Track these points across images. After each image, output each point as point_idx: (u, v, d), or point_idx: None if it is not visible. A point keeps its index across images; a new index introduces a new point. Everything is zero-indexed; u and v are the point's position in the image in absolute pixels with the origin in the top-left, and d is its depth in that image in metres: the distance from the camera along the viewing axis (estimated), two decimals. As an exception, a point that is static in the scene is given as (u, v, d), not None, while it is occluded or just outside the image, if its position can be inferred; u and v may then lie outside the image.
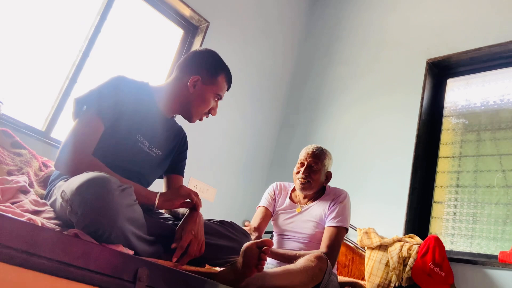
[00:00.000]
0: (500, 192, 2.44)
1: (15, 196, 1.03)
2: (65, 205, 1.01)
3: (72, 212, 0.98)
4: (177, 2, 3.01)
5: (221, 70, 1.55)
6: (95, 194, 0.96)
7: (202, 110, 1.52)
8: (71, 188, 0.99)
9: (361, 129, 3.12)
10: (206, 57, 1.56)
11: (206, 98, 1.50)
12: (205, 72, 1.51)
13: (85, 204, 0.96)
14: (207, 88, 1.50)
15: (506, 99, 2.65)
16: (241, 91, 3.42)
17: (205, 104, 1.52)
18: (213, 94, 1.52)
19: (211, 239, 1.32)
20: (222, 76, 1.55)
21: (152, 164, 1.47)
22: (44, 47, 2.51)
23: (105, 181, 0.99)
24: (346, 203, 2.06)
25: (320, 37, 3.89)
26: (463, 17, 2.86)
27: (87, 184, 0.97)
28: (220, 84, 1.54)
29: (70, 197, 0.98)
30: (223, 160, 3.27)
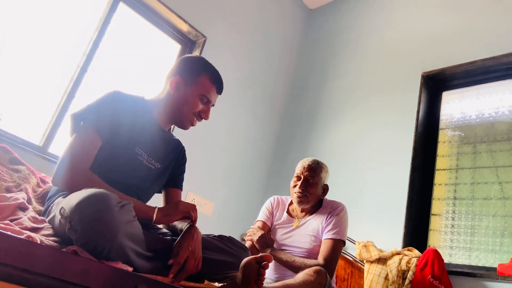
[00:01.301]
0: (497, 204, 2.45)
1: (14, 213, 1.03)
2: (64, 222, 1.00)
3: (71, 229, 0.97)
4: (174, 17, 3.04)
5: (203, 70, 1.49)
6: (94, 211, 0.96)
7: (188, 113, 1.46)
8: (71, 205, 0.98)
9: (358, 141, 3.13)
10: (187, 60, 1.53)
11: (190, 99, 1.45)
12: (186, 74, 1.47)
13: (85, 221, 0.96)
14: (189, 89, 1.45)
15: (501, 112, 2.68)
16: (238, 105, 3.44)
17: (190, 106, 1.46)
18: (197, 95, 1.46)
19: (210, 254, 1.31)
20: (205, 77, 1.48)
21: (152, 177, 1.46)
22: (43, 62, 2.53)
23: (105, 198, 0.98)
24: (342, 216, 2.06)
25: (316, 51, 3.93)
26: (457, 30, 2.91)
27: (86, 201, 0.97)
28: (204, 84, 1.47)
29: (69, 214, 0.98)
30: (220, 174, 3.27)
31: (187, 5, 3.09)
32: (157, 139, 1.49)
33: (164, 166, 1.52)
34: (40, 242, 0.92)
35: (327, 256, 1.91)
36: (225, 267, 1.31)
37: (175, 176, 1.61)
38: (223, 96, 3.29)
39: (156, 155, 1.47)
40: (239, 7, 3.51)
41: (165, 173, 1.54)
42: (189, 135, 3.04)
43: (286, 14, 3.96)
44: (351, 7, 3.82)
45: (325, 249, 1.94)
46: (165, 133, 1.54)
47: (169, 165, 1.55)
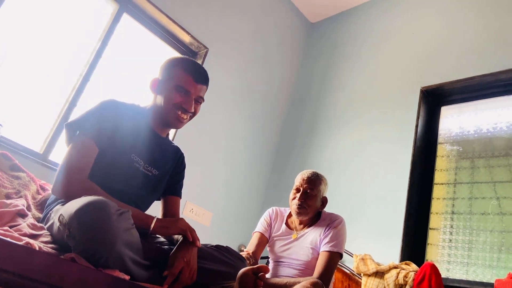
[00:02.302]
0: (495, 219, 2.45)
1: (13, 220, 1.04)
2: (63, 229, 1.01)
3: (70, 236, 0.98)
4: (177, 28, 3.08)
5: (176, 63, 1.50)
6: (93, 218, 0.97)
7: (169, 108, 1.45)
8: (70, 212, 0.99)
9: (357, 154, 3.15)
10: (165, 61, 1.55)
11: (167, 93, 1.45)
12: (162, 72, 1.50)
13: (84, 228, 0.96)
14: (166, 84, 1.46)
15: (499, 127, 2.69)
16: (238, 115, 3.47)
17: (169, 100, 1.45)
18: (172, 87, 1.45)
19: (207, 263, 1.31)
20: (178, 68, 1.48)
21: (149, 185, 1.46)
22: (45, 71, 2.55)
23: (104, 205, 0.99)
24: (340, 228, 2.06)
25: (316, 64, 3.97)
26: (456, 47, 2.94)
27: (85, 208, 0.98)
28: (177, 75, 1.46)
29: (68, 221, 0.98)
30: (219, 185, 3.27)
31: (190, 17, 3.14)
32: (154, 145, 1.49)
33: (161, 173, 1.51)
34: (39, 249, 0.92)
35: (323, 270, 1.91)
36: (222, 277, 1.31)
37: (174, 183, 1.60)
38: (224, 106, 3.34)
39: (153, 162, 1.47)
40: (241, 20, 3.56)
41: (163, 180, 1.54)
42: (190, 144, 3.06)
43: (288, 27, 4.01)
44: (352, 22, 3.87)
45: (322, 261, 1.94)
46: (162, 139, 1.55)
47: (167, 172, 1.55)
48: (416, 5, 3.38)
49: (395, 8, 3.53)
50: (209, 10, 3.29)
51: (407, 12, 3.42)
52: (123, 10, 2.89)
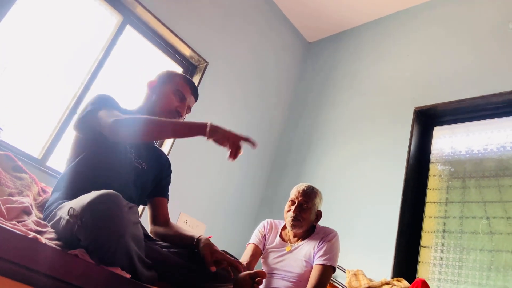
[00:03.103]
0: (484, 239, 2.50)
1: (19, 216, 1.06)
2: (73, 221, 1.03)
3: (81, 227, 1.00)
4: (178, 42, 3.15)
5: (177, 74, 1.64)
6: (106, 209, 1.00)
7: (167, 109, 1.55)
8: (82, 203, 1.02)
9: (351, 171, 3.19)
10: (162, 71, 1.67)
11: (165, 94, 1.56)
12: (162, 76, 1.62)
13: (96, 217, 0.99)
14: (164, 86, 1.58)
15: (489, 149, 2.76)
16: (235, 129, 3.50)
17: (166, 101, 1.55)
18: (172, 89, 1.57)
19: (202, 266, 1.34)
20: (179, 77, 1.62)
21: (140, 177, 1.51)
22: (47, 77, 2.59)
23: (116, 197, 1.03)
24: (334, 242, 2.09)
25: (312, 82, 4.05)
26: (449, 69, 3.03)
27: (98, 199, 1.01)
28: (177, 82, 1.59)
29: (80, 212, 1.01)
30: (213, 196, 3.29)
31: (191, 31, 3.21)
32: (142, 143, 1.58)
33: (149, 168, 1.58)
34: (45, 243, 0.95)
35: (316, 282, 1.93)
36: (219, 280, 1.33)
37: (163, 186, 1.67)
38: (221, 120, 3.38)
39: (142, 156, 1.55)
40: (241, 36, 3.64)
41: (151, 174, 1.59)
42: (186, 156, 3.09)
43: (286, 46, 4.10)
44: (348, 42, 3.97)
45: (315, 274, 1.96)
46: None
47: (154, 167, 1.61)
48: (411, 29, 3.49)
49: (391, 31, 3.64)
50: (210, 26, 3.37)
51: (402, 35, 3.52)
52: (126, 22, 2.95)
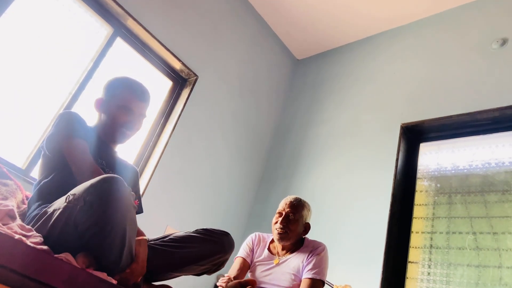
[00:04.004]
0: (471, 254, 2.51)
1: (4, 220, 1.03)
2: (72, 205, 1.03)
3: (84, 207, 1.00)
4: (168, 55, 3.16)
5: (120, 85, 1.60)
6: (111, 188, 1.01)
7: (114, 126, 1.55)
8: (84, 187, 1.03)
9: (339, 187, 3.20)
10: (108, 81, 1.64)
11: (111, 113, 1.55)
12: (106, 92, 1.59)
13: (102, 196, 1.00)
14: (110, 104, 1.56)
15: (474, 165, 2.81)
16: (223, 145, 3.50)
17: (113, 119, 1.55)
18: (116, 106, 1.55)
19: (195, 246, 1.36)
20: (122, 89, 1.58)
21: None
22: (35, 87, 2.56)
23: (119, 179, 1.05)
24: (323, 256, 2.08)
25: (301, 98, 4.09)
26: (435, 86, 3.10)
27: (102, 180, 1.03)
28: (121, 95, 1.56)
29: (82, 193, 1.01)
30: (201, 211, 3.26)
31: (182, 45, 3.23)
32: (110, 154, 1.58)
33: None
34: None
35: None
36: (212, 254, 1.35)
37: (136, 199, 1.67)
38: (209, 134, 3.38)
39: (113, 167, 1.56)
40: (231, 51, 3.67)
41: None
42: (173, 170, 3.06)
43: (275, 62, 4.15)
44: (336, 60, 4.04)
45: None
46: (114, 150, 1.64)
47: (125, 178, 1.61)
48: (397, 48, 3.57)
49: (378, 50, 3.72)
50: (200, 40, 3.39)
51: (389, 53, 3.60)
52: (117, 34, 2.96)
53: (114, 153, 1.64)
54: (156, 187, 2.93)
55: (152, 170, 2.94)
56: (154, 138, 3.10)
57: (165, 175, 3.02)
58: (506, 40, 2.88)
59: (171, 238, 1.42)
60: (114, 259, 1.04)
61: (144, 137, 3.08)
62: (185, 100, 3.21)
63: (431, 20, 3.45)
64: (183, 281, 1.97)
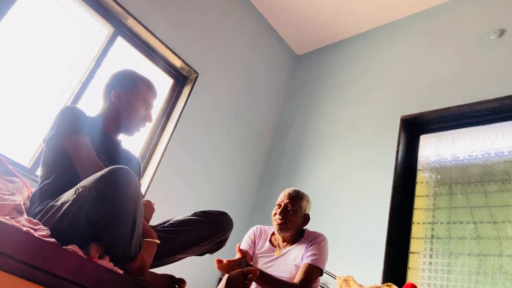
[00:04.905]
0: (472, 243, 2.54)
1: (11, 214, 1.07)
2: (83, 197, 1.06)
3: (96, 198, 1.03)
4: (169, 53, 3.19)
5: (139, 79, 1.64)
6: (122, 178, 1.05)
7: (133, 119, 1.59)
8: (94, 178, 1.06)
9: (340, 180, 3.23)
10: (122, 73, 1.66)
11: (133, 106, 1.58)
12: (124, 84, 1.61)
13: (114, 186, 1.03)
14: (130, 96, 1.59)
15: (474, 156, 2.83)
16: (225, 141, 3.54)
17: (134, 112, 1.59)
18: (139, 100, 1.60)
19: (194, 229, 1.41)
20: (142, 84, 1.63)
21: None
22: (38, 87, 2.60)
23: (128, 170, 1.08)
24: (323, 246, 2.10)
25: (302, 93, 4.11)
26: (434, 78, 3.12)
27: (112, 171, 1.06)
28: (142, 90, 1.61)
29: (94, 184, 1.04)
30: (205, 205, 3.29)
31: (182, 43, 3.26)
32: (112, 148, 1.60)
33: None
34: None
35: (302, 279, 1.94)
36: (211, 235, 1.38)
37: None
38: (211, 131, 3.41)
39: (116, 162, 1.56)
40: (232, 48, 3.70)
41: None
42: (176, 167, 3.10)
43: (275, 58, 4.17)
44: (336, 55, 4.06)
45: (301, 273, 1.97)
46: (117, 143, 1.65)
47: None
48: (396, 41, 3.59)
49: (378, 43, 3.74)
50: (200, 37, 3.42)
51: (388, 47, 3.62)
52: (117, 33, 2.99)
53: (118, 144, 1.65)
54: (159, 184, 2.97)
55: (155, 167, 2.98)
56: (156, 136, 3.14)
57: (168, 172, 3.06)
58: (504, 30, 2.89)
59: (171, 223, 1.46)
60: (124, 247, 1.07)
61: (146, 135, 3.12)
62: (186, 97, 3.24)
63: (429, 13, 3.47)
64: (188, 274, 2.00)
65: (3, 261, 0.86)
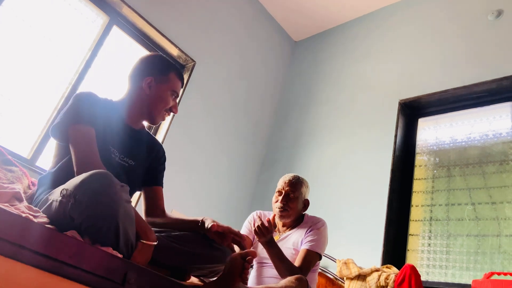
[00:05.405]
0: (470, 224, 2.56)
1: (11, 201, 1.08)
2: (66, 200, 1.05)
3: (75, 204, 1.02)
4: (165, 42, 3.18)
5: (171, 68, 1.61)
6: (99, 185, 1.02)
7: (161, 109, 1.57)
8: (75, 183, 1.04)
9: (340, 164, 3.25)
10: (154, 59, 1.63)
11: (163, 96, 1.56)
12: (157, 72, 1.57)
13: (91, 194, 1.01)
14: (162, 86, 1.56)
15: (472, 138, 2.84)
16: (224, 129, 3.54)
17: (164, 103, 1.57)
18: (169, 91, 1.58)
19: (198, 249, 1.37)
20: (173, 73, 1.60)
21: (126, 175, 1.49)
22: (35, 78, 2.60)
23: (108, 175, 1.06)
24: (322, 231, 2.12)
25: (299, 80, 4.11)
26: (431, 61, 3.11)
27: (91, 177, 1.03)
28: (173, 80, 1.59)
29: (73, 190, 1.03)
30: (205, 194, 3.32)
31: (178, 31, 3.24)
32: (127, 138, 1.54)
33: (138, 163, 1.56)
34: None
35: (301, 263, 1.96)
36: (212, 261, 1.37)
37: (155, 174, 1.66)
38: (210, 119, 3.41)
39: (128, 153, 1.52)
40: (228, 35, 3.68)
41: (139, 169, 1.58)
42: (176, 155, 3.11)
43: (273, 45, 4.15)
44: (333, 40, 4.04)
45: (300, 258, 1.99)
46: (135, 132, 1.60)
47: (143, 162, 1.60)
48: (394, 25, 3.56)
49: (374, 28, 3.71)
50: (197, 25, 3.40)
51: (386, 31, 3.60)
52: (113, 23, 2.98)
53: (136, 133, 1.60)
54: (159, 173, 2.98)
55: (155, 156, 2.98)
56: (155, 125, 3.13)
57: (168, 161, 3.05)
58: (501, 11, 2.87)
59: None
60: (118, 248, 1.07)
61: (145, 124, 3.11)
62: (184, 86, 3.24)
63: (426, -5, 3.44)
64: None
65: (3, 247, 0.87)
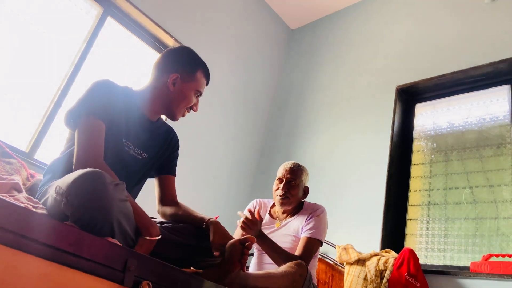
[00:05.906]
0: (468, 207, 2.58)
1: (10, 192, 1.08)
2: (60, 198, 1.05)
3: (67, 204, 1.02)
4: (160, 32, 3.16)
5: (198, 66, 1.57)
6: (90, 186, 1.01)
7: (183, 107, 1.55)
8: (67, 182, 1.03)
9: (338, 151, 3.26)
10: (182, 54, 1.58)
11: (187, 95, 1.53)
12: (183, 69, 1.52)
13: (81, 195, 1.00)
14: (186, 85, 1.52)
15: (469, 122, 2.84)
16: (222, 118, 3.54)
17: (186, 101, 1.54)
18: (193, 90, 1.54)
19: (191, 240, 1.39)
20: (200, 72, 1.56)
21: (139, 167, 1.50)
22: (31, 72, 2.59)
23: (100, 175, 1.04)
24: (322, 217, 2.14)
25: (297, 67, 4.10)
26: (428, 46, 3.10)
27: (83, 176, 1.02)
28: (199, 80, 1.55)
29: (65, 190, 1.02)
30: (205, 183, 3.33)
31: (173, 21, 3.22)
32: (143, 130, 1.52)
33: (151, 156, 1.55)
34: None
35: (302, 251, 1.97)
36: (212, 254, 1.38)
37: (168, 163, 1.65)
38: (207, 108, 3.41)
39: (143, 145, 1.50)
40: (224, 24, 3.66)
41: (153, 162, 1.57)
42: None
43: (269, 33, 4.13)
44: (329, 27, 4.02)
45: (301, 245, 2.01)
46: (151, 123, 1.57)
47: (156, 154, 1.59)
48: (389, 10, 3.55)
49: (370, 13, 3.70)
50: (191, 14, 3.38)
51: (381, 17, 3.58)
52: (107, 13, 2.96)
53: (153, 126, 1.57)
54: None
55: (153, 146, 2.99)
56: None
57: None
58: (498, -6, 2.86)
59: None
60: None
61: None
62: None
63: (422, -21, 3.42)
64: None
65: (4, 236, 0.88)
